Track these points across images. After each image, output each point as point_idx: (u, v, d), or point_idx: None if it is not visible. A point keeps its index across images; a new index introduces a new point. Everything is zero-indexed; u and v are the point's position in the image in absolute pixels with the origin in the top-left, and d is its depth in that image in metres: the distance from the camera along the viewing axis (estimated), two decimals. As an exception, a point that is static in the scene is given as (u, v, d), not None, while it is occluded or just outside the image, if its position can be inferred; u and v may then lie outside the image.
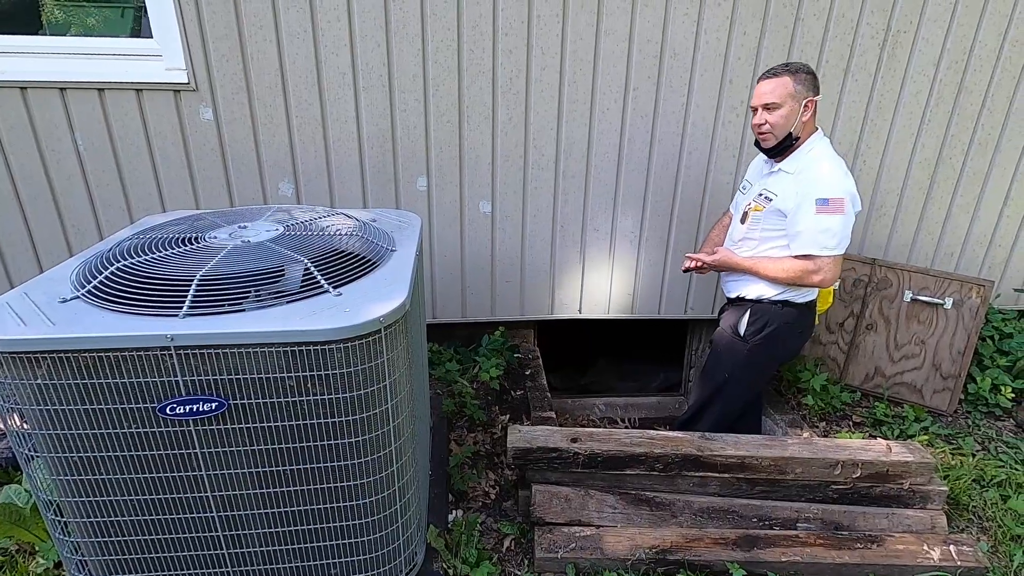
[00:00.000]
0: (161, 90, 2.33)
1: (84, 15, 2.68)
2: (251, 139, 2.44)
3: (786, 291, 2.02)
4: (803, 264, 1.91)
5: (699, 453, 1.89)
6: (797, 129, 1.93)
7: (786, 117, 1.90)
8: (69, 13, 2.67)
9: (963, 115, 2.78)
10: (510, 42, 2.41)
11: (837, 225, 1.85)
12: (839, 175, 1.88)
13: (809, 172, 1.91)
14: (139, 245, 1.45)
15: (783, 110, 1.89)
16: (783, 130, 1.92)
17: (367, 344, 1.22)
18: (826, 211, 1.85)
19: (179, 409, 1.19)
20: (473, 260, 2.79)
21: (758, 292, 2.06)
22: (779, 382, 2.81)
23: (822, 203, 1.85)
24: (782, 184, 1.96)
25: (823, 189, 1.86)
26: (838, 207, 1.85)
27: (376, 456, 1.34)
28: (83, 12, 2.68)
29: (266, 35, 2.29)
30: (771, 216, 1.98)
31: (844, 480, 1.93)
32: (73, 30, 2.66)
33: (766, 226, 2.01)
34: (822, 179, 1.87)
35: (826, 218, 1.85)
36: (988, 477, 2.22)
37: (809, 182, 1.88)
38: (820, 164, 1.91)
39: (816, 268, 1.90)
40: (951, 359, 2.67)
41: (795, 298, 2.03)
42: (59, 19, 2.65)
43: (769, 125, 1.92)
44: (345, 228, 1.66)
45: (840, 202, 1.85)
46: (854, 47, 2.59)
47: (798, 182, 1.91)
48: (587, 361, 3.93)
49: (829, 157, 1.93)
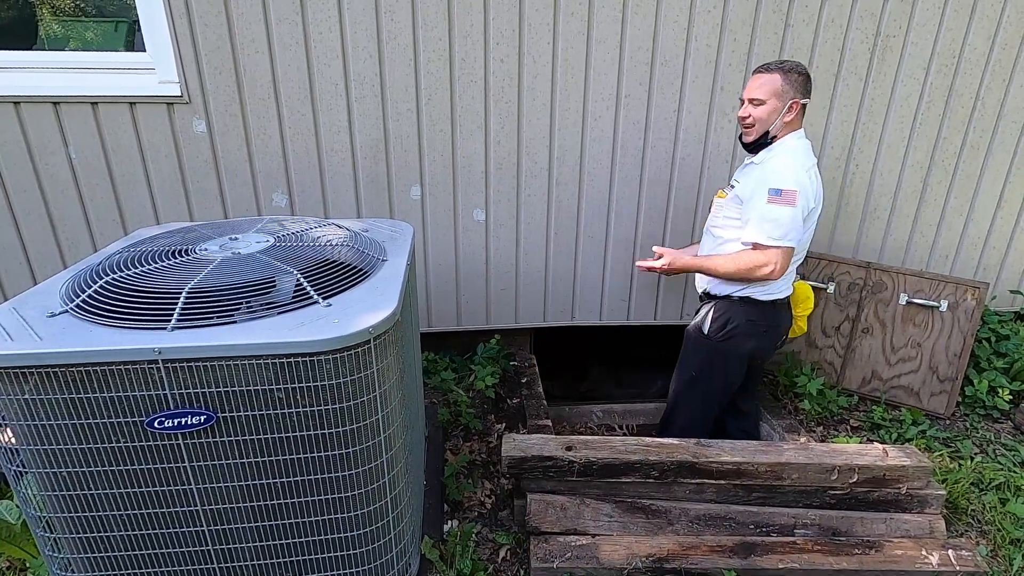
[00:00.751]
0: (154, 103, 2.34)
1: (83, 29, 2.67)
2: (244, 150, 2.45)
3: (746, 288, 2.01)
4: (752, 257, 1.89)
5: (695, 460, 1.88)
6: (776, 128, 1.93)
7: (768, 114, 1.90)
8: (68, 27, 2.66)
9: (954, 118, 2.78)
10: (501, 51, 2.42)
11: (786, 216, 1.84)
12: (797, 169, 1.87)
13: (769, 163, 1.92)
14: (129, 258, 1.45)
15: (766, 107, 1.90)
16: (763, 126, 1.93)
17: (356, 355, 1.22)
18: (777, 201, 1.84)
19: (167, 423, 1.18)
20: (468, 268, 2.79)
21: (722, 289, 2.06)
22: (775, 387, 2.80)
23: (774, 193, 1.85)
24: (749, 174, 1.99)
25: (777, 180, 1.86)
26: (789, 199, 1.84)
27: (367, 467, 1.33)
28: (82, 26, 2.67)
29: (258, 47, 2.30)
30: (731, 203, 2.00)
31: (841, 485, 1.92)
32: (71, 44, 2.66)
33: (727, 213, 2.01)
34: (778, 170, 1.87)
35: (775, 208, 1.84)
36: (987, 480, 2.21)
37: (767, 171, 1.90)
38: (780, 157, 1.91)
39: (765, 260, 1.88)
40: (948, 362, 2.66)
41: (757, 295, 2.01)
42: (57, 33, 2.65)
43: (752, 119, 1.93)
44: (336, 238, 1.66)
45: (792, 194, 1.83)
46: (844, 52, 2.60)
47: (759, 171, 1.93)
48: (585, 368, 3.92)
49: (795, 151, 1.92)
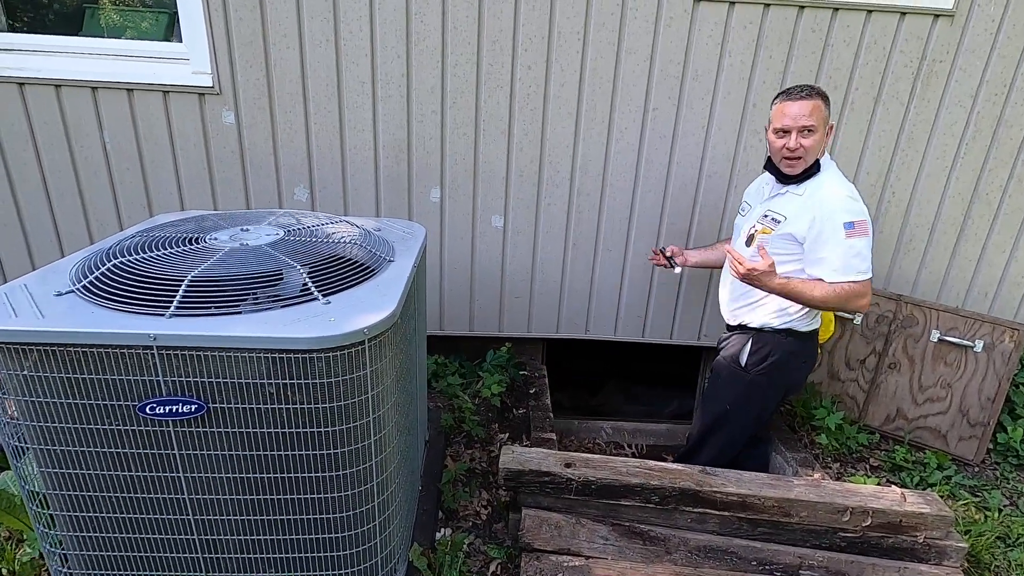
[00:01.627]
0: (187, 92, 2.39)
1: (139, 19, 2.77)
2: (270, 144, 2.48)
3: (791, 320, 1.94)
4: (851, 288, 1.82)
5: (698, 488, 1.81)
6: (822, 155, 1.88)
7: (819, 142, 1.84)
8: (126, 17, 2.76)
9: (1002, 149, 2.65)
10: (529, 58, 2.40)
11: (865, 248, 1.80)
12: (854, 197, 1.83)
13: (822, 194, 1.83)
14: (140, 243, 1.47)
15: (817, 135, 1.83)
16: (814, 155, 1.86)
17: (350, 354, 1.20)
18: (854, 234, 1.78)
19: (159, 409, 1.19)
20: (483, 274, 2.77)
21: (762, 320, 1.98)
22: (792, 418, 2.69)
23: (849, 227, 1.78)
24: (791, 206, 1.89)
25: (847, 213, 1.79)
26: (863, 230, 1.79)
27: (356, 469, 1.31)
28: (139, 16, 2.77)
29: (289, 43, 2.33)
30: (780, 239, 1.90)
31: (853, 528, 1.82)
32: (128, 33, 2.75)
33: (775, 249, 1.92)
34: (841, 202, 1.80)
35: (856, 242, 1.78)
36: (1015, 535, 2.08)
37: (826, 205, 1.81)
38: (834, 187, 1.84)
39: (863, 291, 1.82)
40: (980, 405, 2.52)
41: (799, 326, 1.95)
42: (117, 23, 2.75)
43: (803, 149, 1.83)
44: (347, 236, 1.66)
45: (864, 224, 1.80)
46: (886, 75, 2.50)
47: (813, 204, 1.84)
48: (598, 382, 3.86)
49: (839, 179, 1.88)
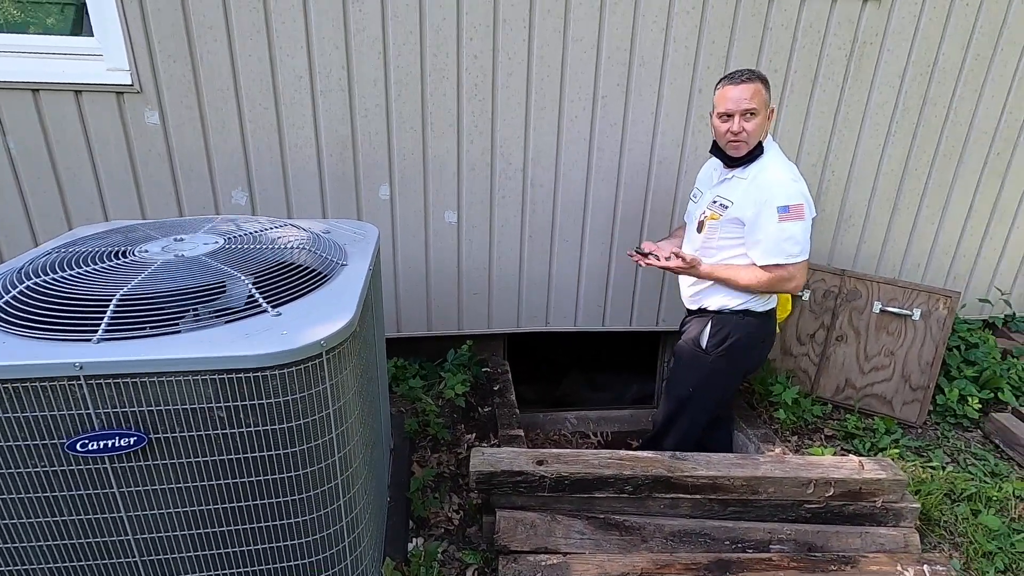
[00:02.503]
0: (102, 92, 2.18)
1: (44, 14, 2.53)
2: (201, 144, 2.31)
3: (748, 300, 1.98)
4: (778, 272, 1.88)
5: (670, 474, 1.82)
6: (764, 137, 1.90)
7: (760, 125, 1.86)
8: (27, 12, 2.51)
9: (928, 127, 2.79)
10: (475, 47, 2.33)
11: (799, 231, 1.84)
12: (795, 179, 1.86)
13: (764, 178, 1.87)
14: (59, 260, 1.32)
15: (759, 118, 1.85)
16: (757, 138, 1.88)
17: (307, 369, 1.11)
18: (788, 218, 1.82)
19: (92, 445, 1.06)
20: (439, 272, 2.69)
21: (720, 303, 2.01)
22: (751, 395, 2.77)
23: (783, 210, 1.82)
24: (737, 191, 1.92)
25: (782, 196, 1.82)
26: (798, 213, 1.83)
27: (320, 490, 1.22)
28: (43, 11, 2.53)
29: (216, 35, 2.16)
30: (728, 224, 1.94)
31: (817, 499, 1.88)
32: (32, 30, 2.50)
33: (723, 235, 1.96)
34: (780, 185, 1.84)
35: (788, 225, 1.82)
36: (959, 491, 2.20)
37: (766, 188, 1.85)
38: (774, 170, 1.87)
39: (790, 275, 1.88)
40: (920, 370, 2.66)
41: (756, 307, 1.99)
42: (16, 18, 2.49)
43: (746, 133, 1.85)
44: (294, 241, 1.55)
45: (800, 208, 1.83)
46: (822, 57, 2.58)
47: (755, 188, 1.87)
48: (560, 373, 3.86)
49: (781, 162, 1.91)
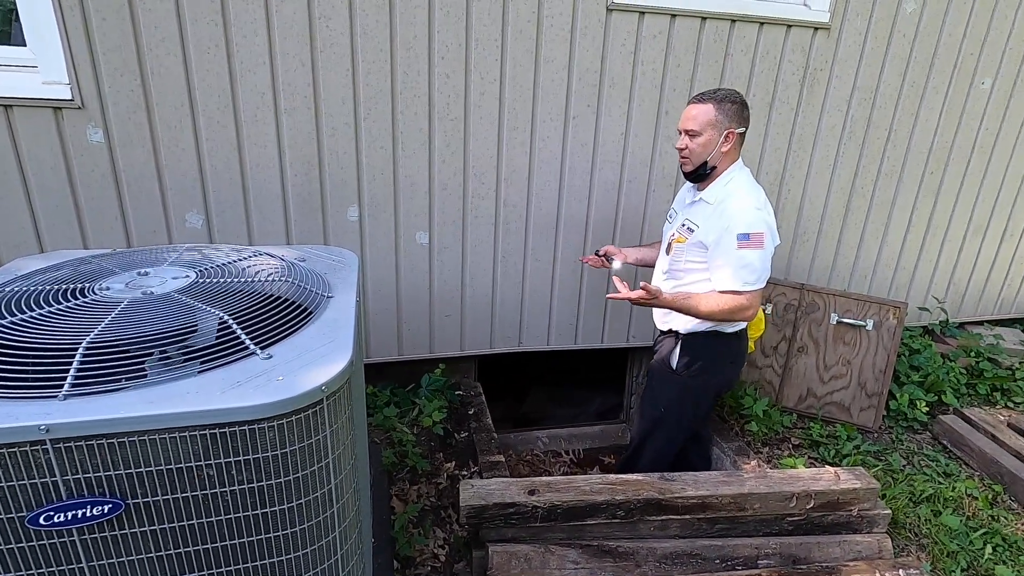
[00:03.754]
0: (37, 107, 1.99)
1: None
2: (151, 164, 2.14)
3: (715, 323, 1.97)
4: (733, 300, 1.85)
5: (660, 496, 1.82)
6: (715, 159, 1.89)
7: (704, 146, 1.87)
8: None
9: (871, 148, 2.98)
10: (447, 66, 2.29)
11: (756, 260, 1.82)
12: (757, 208, 1.85)
13: (728, 204, 1.87)
14: (3, 302, 1.17)
15: (702, 138, 1.86)
16: (700, 158, 1.89)
17: (305, 419, 1.03)
18: (747, 246, 1.81)
19: (57, 517, 0.93)
20: (410, 294, 2.61)
21: (688, 325, 2.00)
22: (722, 408, 2.83)
23: (743, 238, 1.81)
24: (703, 215, 1.93)
25: (743, 224, 1.82)
26: (757, 242, 1.82)
27: (316, 547, 1.13)
28: None
29: (169, 48, 2.02)
30: (693, 248, 1.94)
31: (799, 511, 1.93)
32: None
33: (689, 258, 1.96)
34: (741, 213, 1.83)
35: (747, 253, 1.81)
36: (918, 493, 2.32)
37: (729, 216, 1.84)
38: (738, 197, 1.87)
39: (747, 304, 1.85)
40: (874, 377, 2.81)
41: (725, 328, 1.99)
42: None
43: (688, 150, 1.90)
44: (273, 272, 1.45)
45: (760, 237, 1.82)
46: (778, 82, 2.71)
47: (718, 214, 1.88)
48: (525, 390, 3.82)
49: (748, 189, 1.90)
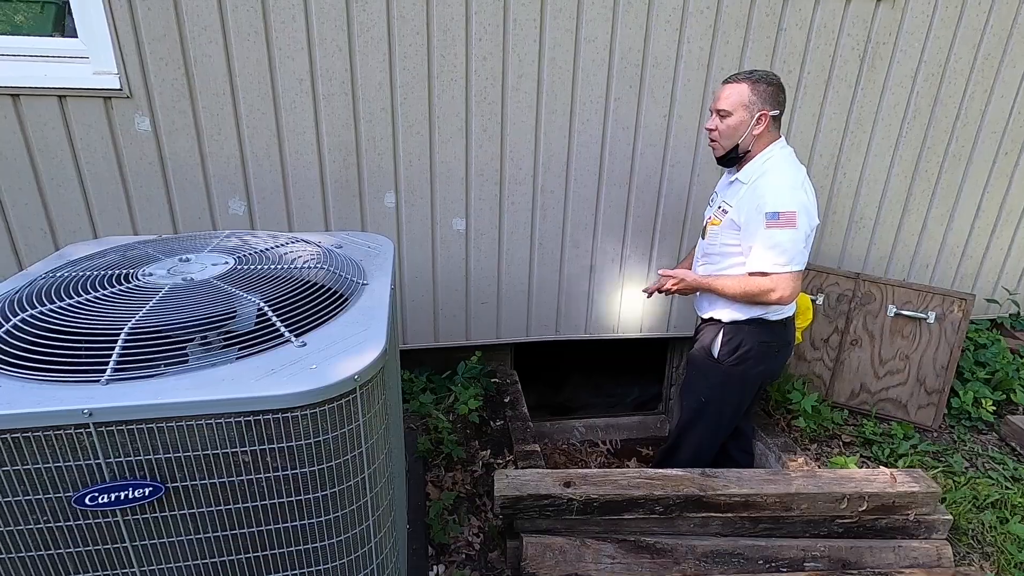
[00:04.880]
0: (89, 97, 2.05)
1: (12, 11, 2.37)
2: (196, 152, 2.18)
3: (759, 311, 1.89)
4: (759, 282, 1.77)
5: (702, 493, 1.76)
6: (746, 142, 1.80)
7: (734, 127, 1.78)
8: None
9: (938, 127, 2.77)
10: (484, 48, 2.24)
11: (788, 241, 1.72)
12: (791, 187, 1.75)
13: (760, 182, 1.78)
14: (54, 286, 1.20)
15: (732, 119, 1.78)
16: (730, 140, 1.81)
17: (340, 407, 1.02)
18: (776, 225, 1.71)
19: (102, 498, 0.96)
20: (446, 281, 2.59)
21: (731, 313, 1.93)
22: (767, 403, 2.72)
23: (772, 217, 1.72)
24: (737, 195, 1.85)
25: (773, 202, 1.73)
26: (789, 221, 1.71)
27: (350, 534, 1.13)
28: (11, 8, 2.37)
29: (211, 36, 2.04)
30: (728, 229, 1.86)
31: (850, 514, 1.83)
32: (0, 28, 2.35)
33: (725, 240, 1.88)
34: (772, 190, 1.74)
35: (776, 233, 1.72)
36: (983, 497, 2.17)
37: (759, 194, 1.76)
38: (773, 175, 1.78)
39: (773, 286, 1.76)
40: (935, 374, 2.64)
41: (769, 316, 1.90)
42: None
43: (718, 132, 1.81)
44: (308, 258, 1.45)
45: (791, 216, 1.71)
46: (835, 58, 2.54)
47: (750, 193, 1.80)
48: (562, 378, 3.78)
49: (784, 167, 1.80)
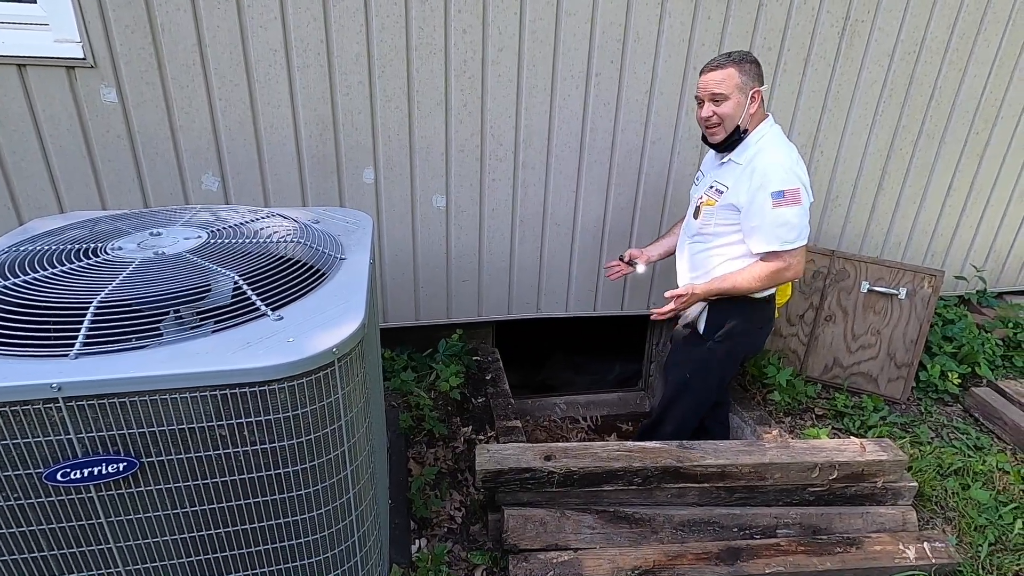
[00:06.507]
0: (51, 66, 1.96)
1: None
2: (166, 125, 2.11)
3: None
4: (774, 265, 1.83)
5: (679, 464, 1.80)
6: (745, 121, 1.84)
7: (734, 109, 1.81)
8: None
9: (913, 106, 2.80)
10: (464, 20, 2.19)
11: (794, 217, 1.78)
12: (791, 164, 1.80)
13: (760, 162, 1.81)
14: (18, 261, 1.16)
15: (730, 102, 1.80)
16: (732, 122, 1.83)
17: (317, 380, 1.01)
18: (783, 203, 1.76)
19: (74, 474, 0.94)
20: (426, 259, 2.58)
21: None
22: (743, 376, 2.78)
23: (778, 196, 1.76)
24: (733, 175, 1.87)
25: (777, 181, 1.77)
26: (794, 198, 1.77)
27: (328, 508, 1.13)
28: None
29: (178, 3, 1.96)
30: (724, 210, 1.89)
31: (821, 482, 1.89)
32: None
33: (719, 220, 1.91)
34: (773, 169, 1.78)
35: (783, 211, 1.77)
36: (946, 465, 2.26)
37: (761, 173, 1.79)
38: (771, 153, 1.81)
39: (786, 265, 1.83)
40: (905, 348, 2.71)
41: (755, 293, 1.94)
42: None
43: (718, 117, 1.82)
44: (286, 233, 1.42)
45: (795, 192, 1.77)
46: (815, 35, 2.54)
47: (749, 173, 1.82)
48: (543, 356, 3.81)
49: (778, 145, 1.84)
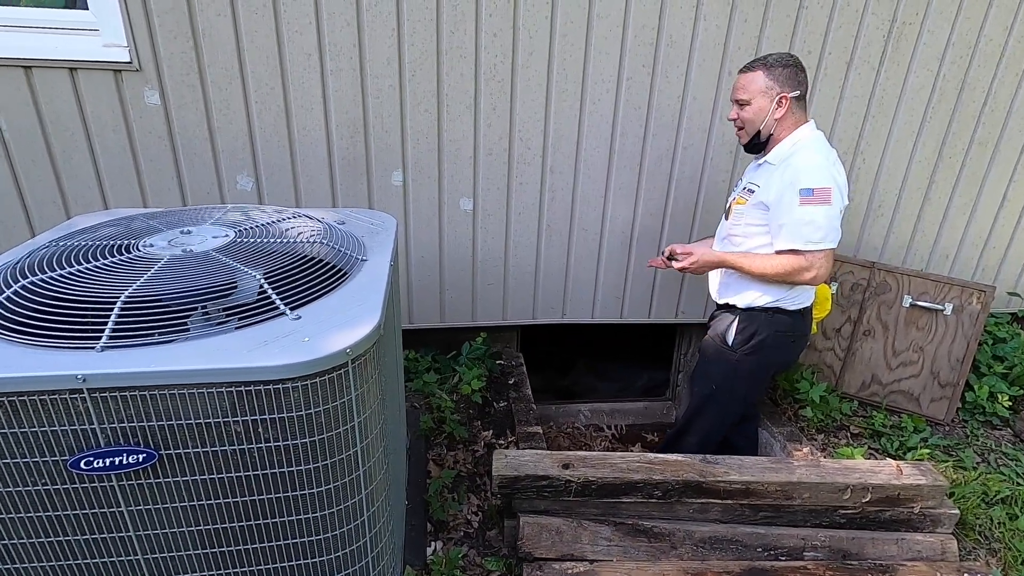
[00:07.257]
0: (99, 69, 2.05)
1: None
2: (204, 127, 2.18)
3: (779, 298, 1.86)
4: (794, 260, 1.75)
5: (701, 479, 1.74)
6: (768, 127, 1.79)
7: (755, 114, 1.78)
8: None
9: (965, 112, 2.66)
10: (494, 24, 2.19)
11: (822, 217, 1.70)
12: (824, 163, 1.73)
13: (792, 160, 1.76)
14: (56, 256, 1.21)
15: (752, 107, 1.78)
16: (753, 127, 1.81)
17: (331, 380, 1.02)
18: (810, 201, 1.69)
19: (97, 463, 0.97)
20: (453, 261, 2.58)
21: (748, 299, 1.90)
22: (775, 392, 2.68)
23: (806, 193, 1.69)
24: (765, 175, 1.83)
25: (806, 178, 1.70)
26: (823, 197, 1.69)
27: (342, 507, 1.14)
28: None
29: (219, 9, 2.02)
30: (754, 209, 1.84)
31: (853, 505, 1.81)
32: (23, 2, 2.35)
33: (749, 220, 1.86)
34: (806, 167, 1.72)
35: (811, 209, 1.69)
36: (992, 493, 2.13)
37: (793, 170, 1.73)
38: (804, 153, 1.76)
39: (807, 265, 1.73)
40: (950, 367, 2.58)
41: (787, 305, 1.88)
42: None
43: (740, 120, 1.82)
44: (310, 233, 1.45)
45: (826, 192, 1.69)
46: (858, 38, 2.44)
47: (782, 171, 1.77)
48: (569, 362, 3.77)
49: (816, 146, 1.78)
